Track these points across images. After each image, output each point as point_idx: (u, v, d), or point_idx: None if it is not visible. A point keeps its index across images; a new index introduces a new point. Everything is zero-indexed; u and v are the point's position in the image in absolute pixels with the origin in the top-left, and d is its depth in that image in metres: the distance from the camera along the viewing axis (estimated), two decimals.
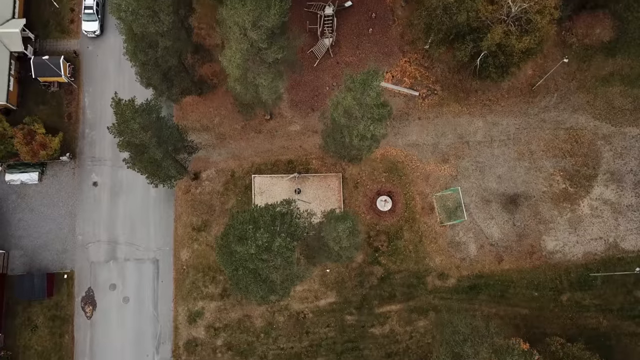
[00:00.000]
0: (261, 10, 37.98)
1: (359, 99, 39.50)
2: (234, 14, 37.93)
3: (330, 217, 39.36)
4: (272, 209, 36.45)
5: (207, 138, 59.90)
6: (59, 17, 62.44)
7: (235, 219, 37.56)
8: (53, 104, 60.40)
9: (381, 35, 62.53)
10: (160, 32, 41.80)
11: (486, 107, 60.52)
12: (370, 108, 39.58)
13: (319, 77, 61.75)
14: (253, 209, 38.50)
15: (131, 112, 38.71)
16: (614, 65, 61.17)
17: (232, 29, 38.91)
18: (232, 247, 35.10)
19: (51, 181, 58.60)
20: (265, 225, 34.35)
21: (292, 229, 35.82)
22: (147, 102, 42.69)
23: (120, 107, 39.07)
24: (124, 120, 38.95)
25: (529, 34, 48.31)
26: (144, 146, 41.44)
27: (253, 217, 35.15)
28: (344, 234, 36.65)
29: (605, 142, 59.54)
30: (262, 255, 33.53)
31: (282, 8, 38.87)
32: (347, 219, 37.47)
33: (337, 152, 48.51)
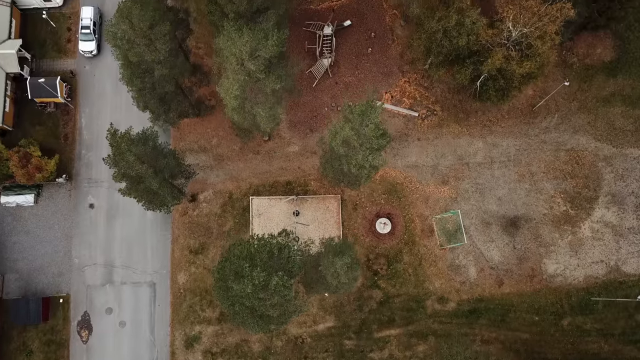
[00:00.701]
0: (258, 40, 37.47)
1: (358, 129, 38.96)
2: (230, 45, 37.43)
3: (328, 249, 38.77)
4: (269, 243, 35.83)
5: (204, 159, 59.37)
6: (56, 36, 61.99)
7: (231, 252, 37.00)
8: (49, 124, 59.92)
9: (380, 55, 62.05)
10: (157, 60, 41.26)
11: (486, 128, 60.00)
12: (369, 138, 39.01)
13: (317, 97, 61.24)
14: (250, 242, 37.91)
15: (127, 145, 38.17)
16: (615, 86, 60.69)
17: (229, 59, 38.40)
18: (229, 283, 34.53)
19: (47, 203, 58.04)
20: (262, 262, 33.79)
21: (290, 265, 35.26)
22: (144, 131, 42.16)
23: (116, 140, 38.52)
24: (120, 153, 38.42)
25: (530, 59, 47.82)
26: (140, 177, 40.90)
27: (250, 252, 34.58)
28: (342, 270, 36.10)
29: (606, 163, 59.00)
30: (258, 294, 32.99)
31: (280, 38, 38.36)
32: (345, 253, 36.89)
33: (336, 178, 48.01)
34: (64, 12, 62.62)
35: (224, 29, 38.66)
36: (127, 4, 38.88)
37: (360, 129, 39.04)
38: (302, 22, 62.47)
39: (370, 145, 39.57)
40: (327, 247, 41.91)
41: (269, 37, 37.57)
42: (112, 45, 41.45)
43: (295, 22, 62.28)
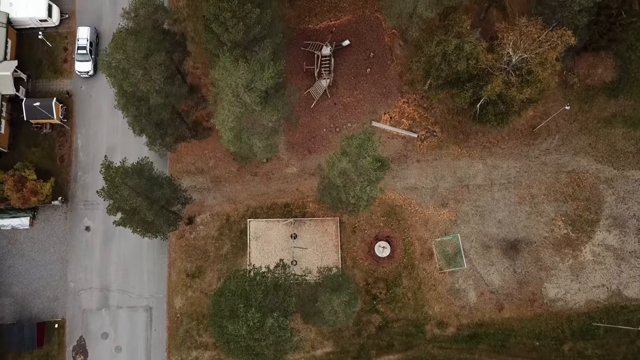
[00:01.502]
0: (254, 72, 36.92)
1: (355, 161, 38.39)
2: (226, 76, 36.88)
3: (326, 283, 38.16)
4: (264, 281, 35.21)
5: (201, 181, 58.81)
6: (52, 56, 61.47)
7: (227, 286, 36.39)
8: (45, 146, 59.36)
9: (379, 75, 61.49)
10: (152, 90, 40.71)
11: (486, 150, 59.43)
12: (367, 170, 38.43)
13: (316, 118, 60.67)
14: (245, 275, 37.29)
15: (121, 178, 37.62)
16: (616, 107, 60.13)
17: (225, 90, 37.85)
18: (224, 322, 33.93)
19: (43, 226, 57.46)
20: (256, 302, 33.18)
21: (285, 304, 34.66)
22: (139, 162, 41.59)
23: (110, 174, 37.96)
24: (114, 186, 37.86)
25: (530, 84, 47.24)
26: (135, 209, 40.34)
27: (245, 290, 33.98)
28: (340, 308, 35.51)
29: (607, 185, 58.40)
30: (253, 334, 32.39)
31: (276, 70, 37.80)
32: (343, 288, 36.27)
33: (334, 205, 47.42)
34: (60, 31, 62.10)
35: (220, 59, 38.06)
36: (122, 35, 38.37)
37: (357, 161, 38.47)
38: (300, 41, 61.96)
39: (368, 177, 38.99)
40: (324, 279, 41.30)
41: (265, 68, 37.00)
42: (106, 74, 40.95)
43: (293, 42, 61.80)
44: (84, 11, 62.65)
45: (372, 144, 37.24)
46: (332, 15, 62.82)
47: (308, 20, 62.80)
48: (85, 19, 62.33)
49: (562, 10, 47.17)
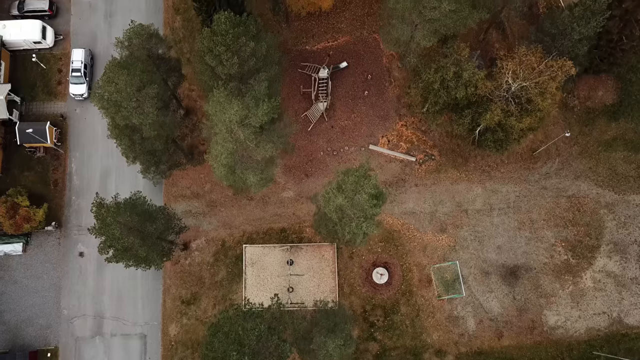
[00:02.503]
0: (249, 108, 36.19)
1: (351, 198, 37.63)
2: (220, 113, 36.14)
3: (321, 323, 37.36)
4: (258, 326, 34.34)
5: (197, 206, 58.05)
6: (46, 78, 60.77)
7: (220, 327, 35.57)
8: (39, 170, 58.62)
9: (377, 97, 60.78)
10: (145, 123, 39.98)
11: (485, 174, 58.68)
12: (363, 207, 37.67)
13: (313, 141, 59.94)
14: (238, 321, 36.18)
15: (113, 217, 36.85)
16: (617, 130, 59.39)
17: (218, 126, 37.10)
18: None
19: (36, 252, 56.69)
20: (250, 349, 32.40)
21: (280, 350, 33.89)
22: (131, 197, 40.83)
23: (101, 213, 37.19)
24: (105, 225, 37.10)
25: (530, 114, 46.51)
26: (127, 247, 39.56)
27: (238, 335, 33.18)
28: (335, 352, 34.75)
29: (608, 210, 57.63)
30: None
31: (271, 106, 37.06)
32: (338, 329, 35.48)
33: (330, 236, 46.65)
34: (55, 53, 61.43)
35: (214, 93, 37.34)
36: (114, 69, 37.62)
37: (353, 197, 37.72)
38: (297, 63, 61.27)
39: (364, 213, 38.24)
40: (320, 316, 40.47)
41: (260, 104, 36.26)
42: (98, 107, 40.21)
43: (290, 63, 61.18)
44: (79, 32, 62.02)
45: (368, 181, 36.45)
46: (329, 37, 62.15)
47: (305, 41, 62.12)
48: (80, 40, 61.70)
49: (562, 38, 46.47)
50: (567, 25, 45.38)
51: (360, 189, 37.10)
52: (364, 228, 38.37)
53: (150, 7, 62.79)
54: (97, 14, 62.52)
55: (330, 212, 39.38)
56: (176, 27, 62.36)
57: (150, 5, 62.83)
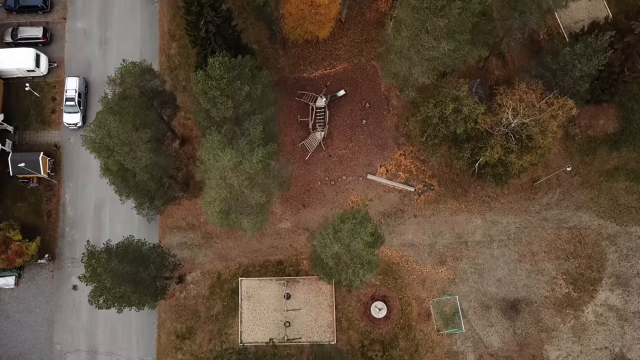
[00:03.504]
0: (243, 155, 35.34)
1: (348, 245, 36.77)
2: (213, 161, 35.29)
3: None
4: None
5: (192, 237, 57.16)
6: (40, 106, 59.98)
7: None
8: (32, 200, 57.78)
9: (375, 126, 59.95)
10: (138, 168, 39.12)
11: (485, 204, 57.80)
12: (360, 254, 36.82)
13: (310, 171, 59.08)
14: None
15: (104, 268, 35.95)
16: (619, 159, 58.51)
17: (212, 172, 36.26)
18: None
19: (28, 285, 55.80)
20: None
21: None
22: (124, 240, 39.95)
23: (92, 263, 36.30)
24: (96, 275, 36.23)
25: (530, 151, 45.67)
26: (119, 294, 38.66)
27: None
28: None
29: (610, 242, 56.73)
30: None
31: (266, 152, 36.19)
32: None
33: (327, 277, 45.78)
34: (49, 80, 60.64)
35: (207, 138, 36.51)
36: (105, 115, 36.79)
37: (350, 244, 36.84)
38: (294, 91, 60.50)
39: (361, 260, 37.37)
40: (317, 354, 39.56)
41: (254, 151, 35.41)
42: (90, 151, 39.37)
43: (287, 91, 60.43)
44: (73, 60, 61.25)
45: (365, 229, 35.59)
46: (327, 64, 61.37)
47: (303, 68, 61.34)
48: (75, 68, 60.91)
49: (563, 74, 45.65)
50: (569, 62, 44.58)
51: (356, 235, 36.21)
52: (361, 275, 37.51)
53: (145, 34, 62.02)
54: (91, 41, 61.76)
55: (326, 258, 38.53)
56: (172, 54, 61.56)
57: (145, 31, 62.05)
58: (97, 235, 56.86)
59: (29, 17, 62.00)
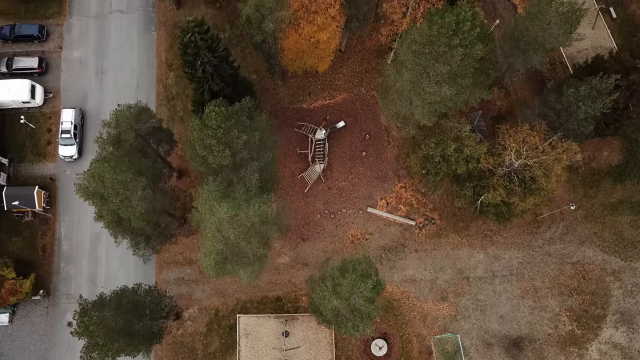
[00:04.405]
0: (240, 207, 34.44)
1: (347, 299, 35.83)
2: (209, 215, 34.38)
3: None
4: None
5: (189, 273, 56.21)
6: (35, 138, 59.10)
7: None
8: (27, 235, 56.85)
9: (375, 157, 59.06)
10: (132, 216, 38.21)
11: (487, 239, 56.86)
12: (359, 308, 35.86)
13: (309, 203, 58.16)
14: None
15: (96, 325, 34.99)
16: (623, 192, 57.59)
17: (208, 224, 35.36)
18: None
19: (22, 322, 54.82)
20: None
21: None
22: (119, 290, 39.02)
23: (84, 320, 35.32)
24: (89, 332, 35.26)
25: (533, 193, 44.75)
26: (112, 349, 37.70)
27: None
28: None
29: (614, 278, 55.76)
30: None
31: (263, 204, 35.29)
32: None
33: (326, 324, 44.80)
34: (44, 111, 59.79)
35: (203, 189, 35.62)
36: (99, 166, 35.89)
37: (350, 298, 35.89)
38: (293, 122, 59.67)
39: (361, 313, 36.40)
40: None
41: (251, 204, 34.51)
42: (83, 199, 38.49)
43: (286, 122, 59.64)
44: (69, 90, 60.43)
45: (365, 284, 34.64)
46: (326, 94, 60.57)
47: (302, 99, 60.53)
48: (71, 98, 60.09)
49: (567, 115, 44.73)
50: (573, 103, 43.67)
51: (357, 290, 35.26)
52: (361, 329, 36.55)
53: (142, 63, 61.22)
54: (88, 70, 60.96)
55: (325, 310, 37.57)
56: (169, 84, 60.77)
57: (142, 61, 61.25)
58: (92, 271, 56.04)
59: (24, 47, 61.23)
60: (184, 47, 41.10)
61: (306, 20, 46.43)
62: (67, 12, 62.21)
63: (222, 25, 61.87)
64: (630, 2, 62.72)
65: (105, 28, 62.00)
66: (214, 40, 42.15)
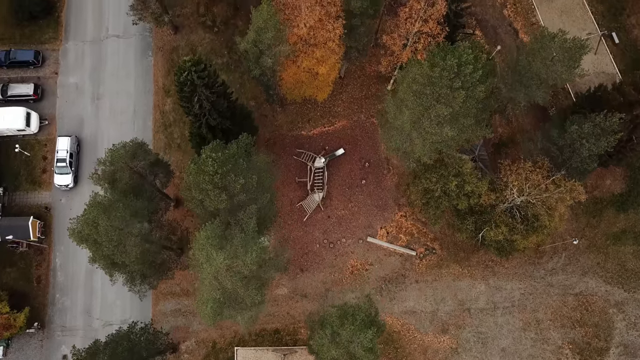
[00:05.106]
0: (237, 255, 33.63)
1: (347, 347, 35.03)
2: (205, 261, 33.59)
3: None
4: None
5: (187, 304, 55.36)
6: (30, 166, 58.25)
7: None
8: (21, 265, 55.99)
9: (375, 186, 58.30)
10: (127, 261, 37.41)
11: (489, 269, 56.09)
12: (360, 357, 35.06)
13: (308, 233, 57.38)
14: None
15: None
16: (626, 222, 56.86)
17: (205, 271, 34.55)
18: None
19: (17, 356, 53.95)
20: None
21: None
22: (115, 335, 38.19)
23: None
24: None
25: (536, 231, 43.98)
26: None
27: None
28: None
29: (617, 310, 54.99)
30: None
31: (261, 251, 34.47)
32: None
33: None
34: (40, 139, 58.94)
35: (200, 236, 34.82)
36: (92, 212, 35.08)
37: (349, 346, 35.09)
38: (292, 149, 58.89)
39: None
40: None
41: (249, 251, 33.71)
42: (77, 243, 37.67)
43: (285, 149, 58.90)
44: (65, 116, 59.60)
45: (365, 335, 33.83)
46: (326, 121, 59.80)
47: (301, 126, 59.76)
48: (66, 125, 59.24)
49: (570, 152, 43.94)
50: (576, 140, 42.90)
51: (356, 339, 34.46)
52: None
53: (139, 89, 60.43)
54: (84, 96, 60.13)
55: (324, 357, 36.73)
56: (166, 111, 59.97)
57: (139, 87, 60.47)
58: (88, 303, 55.22)
59: (19, 72, 60.40)
60: (180, 85, 40.30)
61: (305, 53, 45.65)
62: (63, 37, 61.38)
63: (220, 50, 61.13)
64: (633, 27, 62.09)
65: (102, 53, 61.21)
66: (211, 76, 41.36)
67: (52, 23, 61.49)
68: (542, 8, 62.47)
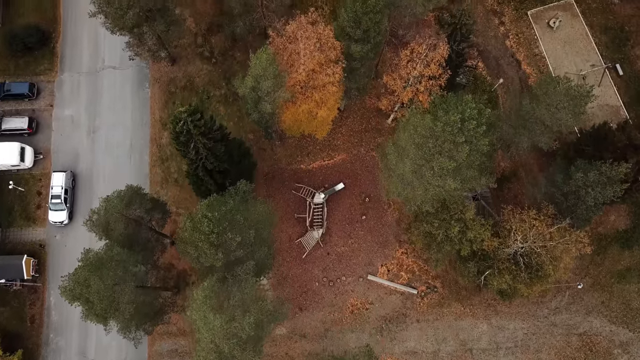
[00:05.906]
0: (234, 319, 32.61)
1: None
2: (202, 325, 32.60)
3: None
4: None
5: (183, 344, 54.30)
6: (24, 202, 57.18)
7: None
8: (15, 305, 54.84)
9: (376, 221, 57.32)
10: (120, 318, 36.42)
11: (491, 308, 55.08)
12: None
13: (307, 270, 56.35)
14: None
15: None
16: (631, 259, 55.92)
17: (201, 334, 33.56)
18: None
19: None
20: None
21: None
22: None
23: None
24: None
25: (540, 279, 43.00)
26: None
27: None
28: None
29: (622, 350, 54.01)
30: None
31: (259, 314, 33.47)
32: None
33: None
34: (34, 173, 57.83)
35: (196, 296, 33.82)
36: (84, 273, 34.06)
37: None
38: (291, 183, 57.90)
39: None
40: None
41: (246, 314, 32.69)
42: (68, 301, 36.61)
43: (284, 184, 57.94)
44: (60, 150, 58.53)
45: None
46: (325, 155, 58.86)
47: (300, 159, 58.80)
48: (62, 159, 58.18)
49: (575, 198, 42.98)
50: (581, 188, 41.93)
51: None
52: None
53: (136, 122, 59.43)
54: (79, 129, 59.10)
55: None
56: (163, 144, 58.94)
57: (136, 119, 59.46)
58: (82, 344, 54.14)
59: (14, 105, 59.35)
60: (176, 134, 39.32)
61: (304, 95, 44.70)
62: (59, 69, 60.37)
63: (217, 82, 60.20)
64: (637, 58, 61.24)
65: (98, 85, 60.20)
66: (208, 123, 40.39)
67: (47, 54, 60.49)
68: (545, 39, 61.59)
